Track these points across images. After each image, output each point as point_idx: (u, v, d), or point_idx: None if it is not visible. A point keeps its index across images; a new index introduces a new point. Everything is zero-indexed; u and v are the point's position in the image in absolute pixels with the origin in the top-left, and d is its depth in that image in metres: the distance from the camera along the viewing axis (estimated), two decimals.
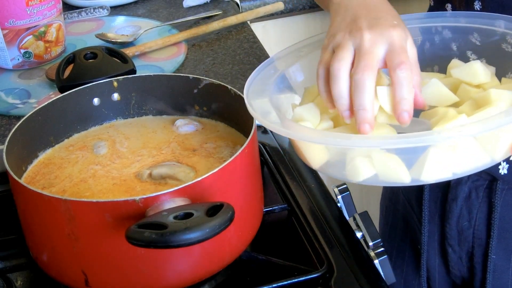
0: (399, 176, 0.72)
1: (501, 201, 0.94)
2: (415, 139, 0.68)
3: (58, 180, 0.82)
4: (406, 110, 0.72)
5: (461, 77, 0.82)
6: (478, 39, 0.86)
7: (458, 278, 1.04)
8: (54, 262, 0.76)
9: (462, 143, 0.71)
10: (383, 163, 0.72)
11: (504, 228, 0.96)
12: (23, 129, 0.83)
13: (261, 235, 0.81)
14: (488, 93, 0.76)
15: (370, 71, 0.71)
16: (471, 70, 0.81)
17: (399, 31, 0.74)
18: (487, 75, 0.81)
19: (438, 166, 0.71)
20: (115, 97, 0.92)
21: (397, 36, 0.73)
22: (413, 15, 0.90)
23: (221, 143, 0.87)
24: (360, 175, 0.73)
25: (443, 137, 0.69)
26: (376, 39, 0.73)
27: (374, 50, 0.72)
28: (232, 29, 1.38)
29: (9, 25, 1.22)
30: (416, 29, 0.89)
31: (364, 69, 0.71)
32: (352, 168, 0.74)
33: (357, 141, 0.71)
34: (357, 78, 0.71)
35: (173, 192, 0.68)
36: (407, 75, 0.71)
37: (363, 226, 0.86)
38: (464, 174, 0.74)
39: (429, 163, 0.71)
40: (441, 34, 0.89)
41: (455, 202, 0.98)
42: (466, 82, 0.81)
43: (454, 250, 1.01)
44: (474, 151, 0.72)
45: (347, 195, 0.92)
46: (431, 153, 0.70)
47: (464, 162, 0.73)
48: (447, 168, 0.72)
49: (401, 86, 0.71)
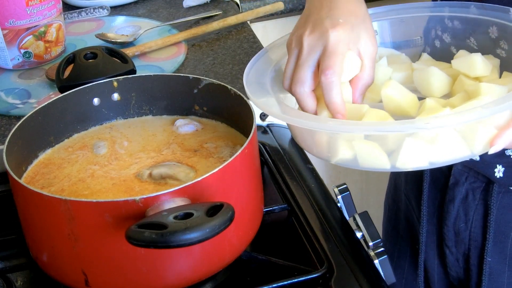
0: (379, 162, 0.73)
1: (497, 204, 0.94)
2: (389, 127, 0.70)
3: (57, 180, 0.82)
4: (337, 112, 0.75)
5: (460, 68, 0.82)
6: (475, 43, 0.86)
7: (455, 279, 1.04)
8: (54, 262, 0.76)
9: (441, 133, 0.71)
10: (363, 148, 0.73)
11: (500, 231, 0.96)
12: (23, 129, 0.83)
13: (261, 235, 0.81)
14: (478, 86, 0.76)
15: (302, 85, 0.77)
16: (469, 62, 0.81)
17: (339, 32, 0.75)
18: (486, 69, 0.80)
19: (414, 155, 0.72)
20: (115, 97, 0.92)
21: (333, 39, 0.75)
22: (419, 4, 0.90)
23: (221, 143, 0.87)
24: (339, 156, 0.75)
25: (414, 127, 0.69)
26: (313, 45, 0.76)
27: (307, 62, 0.76)
28: (232, 29, 1.38)
29: (9, 25, 1.22)
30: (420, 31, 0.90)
31: (296, 84, 0.77)
32: (333, 148, 0.75)
33: (335, 126, 0.73)
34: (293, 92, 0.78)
35: (173, 192, 0.68)
36: (331, 81, 0.74)
37: (363, 226, 0.86)
38: (442, 164, 0.74)
39: (404, 151, 0.72)
40: (441, 38, 0.89)
41: (452, 203, 0.98)
42: (464, 74, 0.81)
43: (451, 251, 1.01)
44: (452, 142, 0.72)
45: (347, 195, 0.92)
46: (406, 142, 0.71)
47: (442, 153, 0.73)
48: (423, 157, 0.73)
49: (327, 91, 0.74)
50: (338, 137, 0.74)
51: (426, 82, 0.82)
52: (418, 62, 0.89)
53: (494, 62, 0.83)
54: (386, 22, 0.92)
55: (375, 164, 0.74)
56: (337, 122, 0.74)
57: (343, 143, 0.74)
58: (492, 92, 0.75)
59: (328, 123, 0.74)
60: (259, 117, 1.06)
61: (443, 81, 0.82)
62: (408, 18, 0.91)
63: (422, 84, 0.83)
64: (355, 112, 0.77)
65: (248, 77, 0.83)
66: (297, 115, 0.76)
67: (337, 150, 0.75)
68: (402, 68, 0.87)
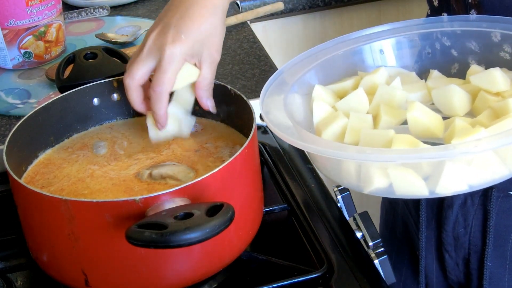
0: (416, 189, 0.72)
1: (497, 209, 0.94)
2: (432, 153, 0.68)
3: (57, 180, 0.82)
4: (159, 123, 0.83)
5: (480, 84, 0.80)
6: (477, 47, 0.86)
7: (455, 283, 1.04)
8: (54, 262, 0.76)
9: (479, 156, 0.70)
10: (399, 176, 0.71)
11: (499, 236, 0.96)
12: (23, 129, 0.83)
13: (261, 235, 0.81)
14: (506, 103, 0.74)
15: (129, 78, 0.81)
16: (490, 77, 0.79)
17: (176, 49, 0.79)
18: (506, 83, 0.79)
19: (454, 179, 0.71)
20: (115, 97, 0.92)
21: (168, 54, 0.79)
22: (412, 21, 0.90)
23: (221, 143, 0.87)
24: (375, 185, 0.73)
25: (459, 152, 0.67)
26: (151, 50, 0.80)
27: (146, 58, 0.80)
28: (232, 29, 1.38)
29: (9, 25, 1.22)
30: (415, 35, 0.90)
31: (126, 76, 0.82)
32: (366, 177, 0.73)
33: (372, 155, 0.70)
34: None
35: (173, 192, 0.68)
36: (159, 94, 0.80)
37: (363, 226, 0.86)
38: (481, 186, 0.73)
39: (445, 176, 0.70)
40: (440, 40, 0.89)
41: (451, 208, 0.97)
42: (485, 90, 0.80)
43: (451, 256, 1.01)
44: (491, 164, 0.71)
45: (347, 195, 0.92)
46: (446, 167, 0.69)
47: (481, 175, 0.72)
48: (463, 181, 0.71)
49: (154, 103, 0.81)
50: (371, 166, 0.72)
51: (449, 101, 0.80)
52: (431, 80, 0.87)
53: (510, 74, 0.81)
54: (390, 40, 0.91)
55: (412, 191, 0.72)
56: (373, 151, 0.71)
57: (376, 171, 0.72)
58: None
59: (366, 153, 0.70)
60: (259, 117, 1.05)
61: (465, 98, 0.80)
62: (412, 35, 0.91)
63: (444, 103, 0.81)
64: (381, 138, 0.74)
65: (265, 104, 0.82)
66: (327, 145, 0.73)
67: (371, 179, 0.73)
68: (416, 88, 0.85)
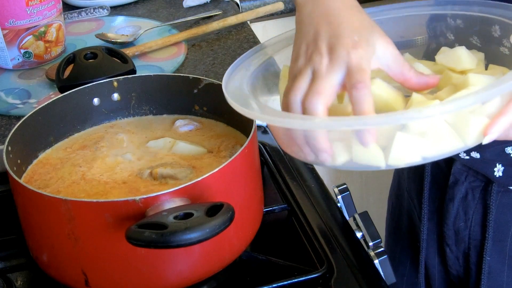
0: (375, 160, 0.70)
1: (496, 204, 0.94)
2: (380, 119, 0.66)
3: (53, 181, 0.82)
4: None
5: (445, 63, 0.80)
6: (478, 41, 0.86)
7: (456, 277, 1.04)
8: (54, 262, 0.76)
9: (432, 126, 0.69)
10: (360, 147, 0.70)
11: (499, 231, 0.96)
12: (23, 129, 0.83)
13: (261, 235, 0.81)
14: (466, 78, 0.74)
15: (319, 96, 0.69)
16: (454, 56, 0.79)
17: (359, 51, 0.71)
18: (472, 62, 0.79)
19: (406, 150, 0.69)
20: (115, 97, 0.92)
21: (355, 58, 0.70)
22: (420, 2, 0.89)
23: (221, 143, 0.87)
24: (336, 160, 0.72)
25: (404, 117, 0.66)
26: (333, 66, 0.70)
27: (329, 76, 0.70)
28: (232, 29, 1.38)
29: (9, 25, 1.22)
30: (423, 27, 0.89)
31: (313, 95, 0.69)
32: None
33: (319, 123, 0.68)
34: (305, 104, 0.70)
35: (173, 192, 0.68)
36: (364, 93, 0.69)
37: (363, 226, 0.86)
38: (435, 158, 0.71)
39: (396, 146, 0.69)
40: (445, 35, 0.89)
41: (452, 202, 0.98)
42: (450, 68, 0.80)
43: (452, 250, 1.01)
44: (444, 134, 0.70)
45: (347, 195, 0.92)
46: (397, 136, 0.69)
47: (434, 146, 0.70)
48: (415, 152, 0.70)
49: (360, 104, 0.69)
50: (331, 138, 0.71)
51: None
52: None
53: (479, 55, 0.81)
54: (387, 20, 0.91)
55: (370, 161, 0.70)
56: (328, 119, 0.69)
57: (337, 144, 0.71)
58: (481, 82, 0.73)
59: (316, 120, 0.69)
60: None
61: None
62: (409, 17, 0.91)
63: None
64: (339, 113, 0.73)
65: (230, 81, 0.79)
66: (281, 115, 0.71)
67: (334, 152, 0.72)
68: None
